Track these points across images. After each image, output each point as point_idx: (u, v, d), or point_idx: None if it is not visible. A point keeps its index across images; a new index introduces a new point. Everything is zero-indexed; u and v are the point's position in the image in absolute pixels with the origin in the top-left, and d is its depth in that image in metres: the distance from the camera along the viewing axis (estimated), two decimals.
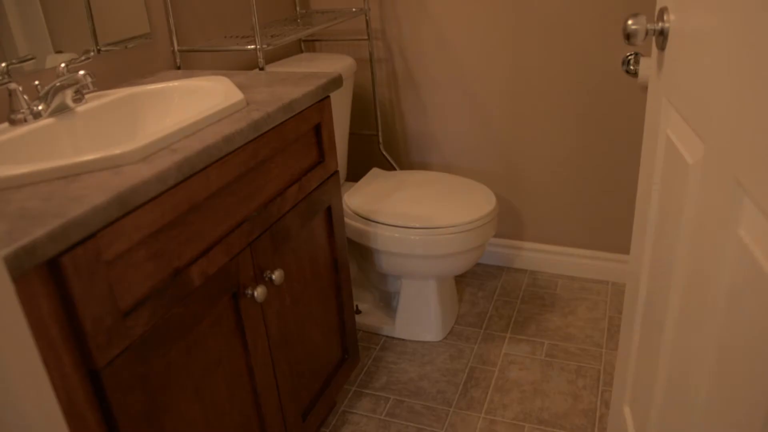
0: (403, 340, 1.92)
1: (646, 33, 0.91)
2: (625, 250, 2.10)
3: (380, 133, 2.20)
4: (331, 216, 1.43)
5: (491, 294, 2.12)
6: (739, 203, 0.58)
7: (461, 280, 2.21)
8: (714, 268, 0.65)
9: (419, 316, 1.88)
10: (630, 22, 0.90)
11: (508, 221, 2.22)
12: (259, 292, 1.12)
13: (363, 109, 2.25)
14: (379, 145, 2.22)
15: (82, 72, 1.10)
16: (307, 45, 2.21)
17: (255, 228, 1.14)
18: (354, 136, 2.31)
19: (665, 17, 0.90)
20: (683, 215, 0.79)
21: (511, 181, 2.14)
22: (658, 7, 0.95)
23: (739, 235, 0.58)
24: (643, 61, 1.55)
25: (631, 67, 1.60)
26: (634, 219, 1.13)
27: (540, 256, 2.21)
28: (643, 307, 1.05)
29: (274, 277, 1.18)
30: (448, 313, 1.94)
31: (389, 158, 2.24)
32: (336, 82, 1.35)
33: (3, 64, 1.15)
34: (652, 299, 0.97)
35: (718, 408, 0.63)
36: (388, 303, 2.03)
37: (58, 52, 1.25)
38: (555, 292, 2.10)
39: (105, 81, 1.38)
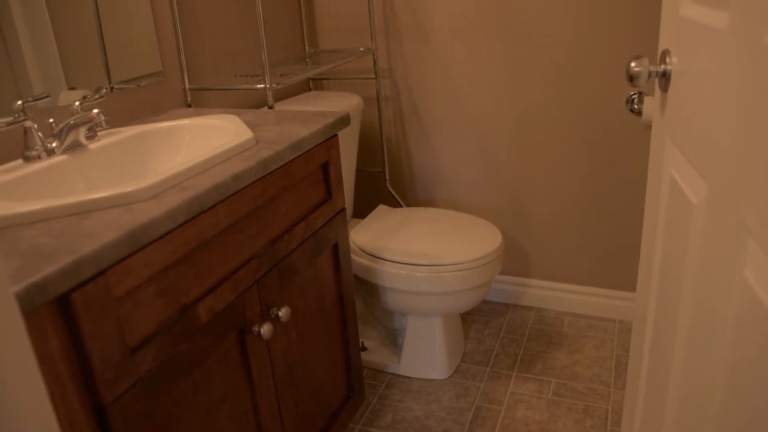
0: (409, 377, 1.90)
1: (649, 75, 0.92)
2: (632, 287, 2.09)
3: (387, 170, 2.22)
4: (338, 253, 1.44)
5: (497, 331, 2.10)
6: (744, 245, 0.59)
7: (467, 318, 2.20)
8: (720, 309, 0.65)
9: (425, 354, 1.87)
10: (633, 64, 0.92)
11: (514, 258, 2.22)
12: (266, 329, 1.12)
13: (370, 147, 2.27)
14: (386, 182, 2.24)
15: (95, 110, 1.12)
16: (316, 83, 2.25)
17: (262, 265, 1.14)
18: (361, 173, 2.33)
19: (667, 59, 0.92)
20: (688, 255, 0.79)
21: (517, 218, 2.15)
22: (660, 50, 0.97)
23: (744, 277, 0.58)
24: (646, 100, 1.56)
25: (635, 106, 1.62)
26: (640, 257, 1.13)
27: (546, 294, 2.20)
28: (651, 346, 1.04)
29: (280, 314, 1.18)
30: (454, 351, 1.92)
31: (396, 195, 2.25)
32: (344, 120, 1.37)
33: (19, 102, 1.17)
34: (659, 338, 0.97)
35: None
36: (393, 340, 2.02)
37: (71, 88, 1.28)
38: (562, 329, 2.09)
39: (117, 118, 1.41)
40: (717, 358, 0.66)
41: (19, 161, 1.08)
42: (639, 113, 1.61)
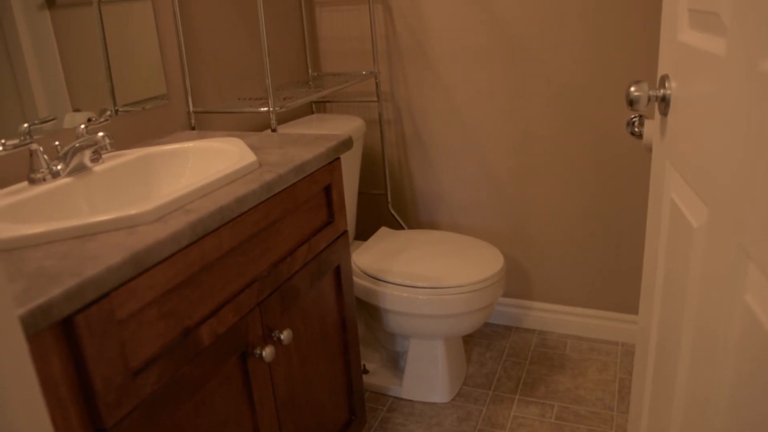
0: (411, 401, 1.89)
1: (649, 99, 0.93)
2: (635, 310, 2.09)
3: (389, 193, 2.22)
4: (340, 275, 1.44)
5: (500, 354, 2.09)
6: (744, 269, 0.59)
7: (469, 340, 2.19)
8: (722, 333, 0.65)
9: (427, 377, 1.86)
10: (633, 89, 0.93)
11: (516, 281, 2.22)
12: (268, 352, 1.12)
13: (372, 169, 2.29)
14: (388, 205, 2.24)
15: (101, 133, 1.13)
16: (318, 106, 2.27)
17: (265, 288, 1.14)
18: (363, 196, 2.33)
19: (667, 84, 0.93)
20: (690, 278, 0.79)
21: (519, 240, 2.15)
22: (659, 75, 0.98)
23: (745, 301, 0.58)
24: (647, 123, 1.57)
25: (636, 129, 1.63)
26: (642, 279, 1.14)
27: (549, 316, 2.20)
28: (654, 369, 1.04)
29: (282, 336, 1.18)
30: (456, 374, 1.91)
31: (398, 217, 2.26)
32: (346, 144, 1.38)
33: (25, 125, 1.19)
34: (662, 361, 0.97)
35: None
36: (395, 363, 2.01)
37: (76, 110, 1.29)
38: (564, 352, 2.08)
39: (122, 141, 1.42)
40: (719, 381, 0.66)
41: (25, 183, 1.09)
42: (639, 136, 1.62)
